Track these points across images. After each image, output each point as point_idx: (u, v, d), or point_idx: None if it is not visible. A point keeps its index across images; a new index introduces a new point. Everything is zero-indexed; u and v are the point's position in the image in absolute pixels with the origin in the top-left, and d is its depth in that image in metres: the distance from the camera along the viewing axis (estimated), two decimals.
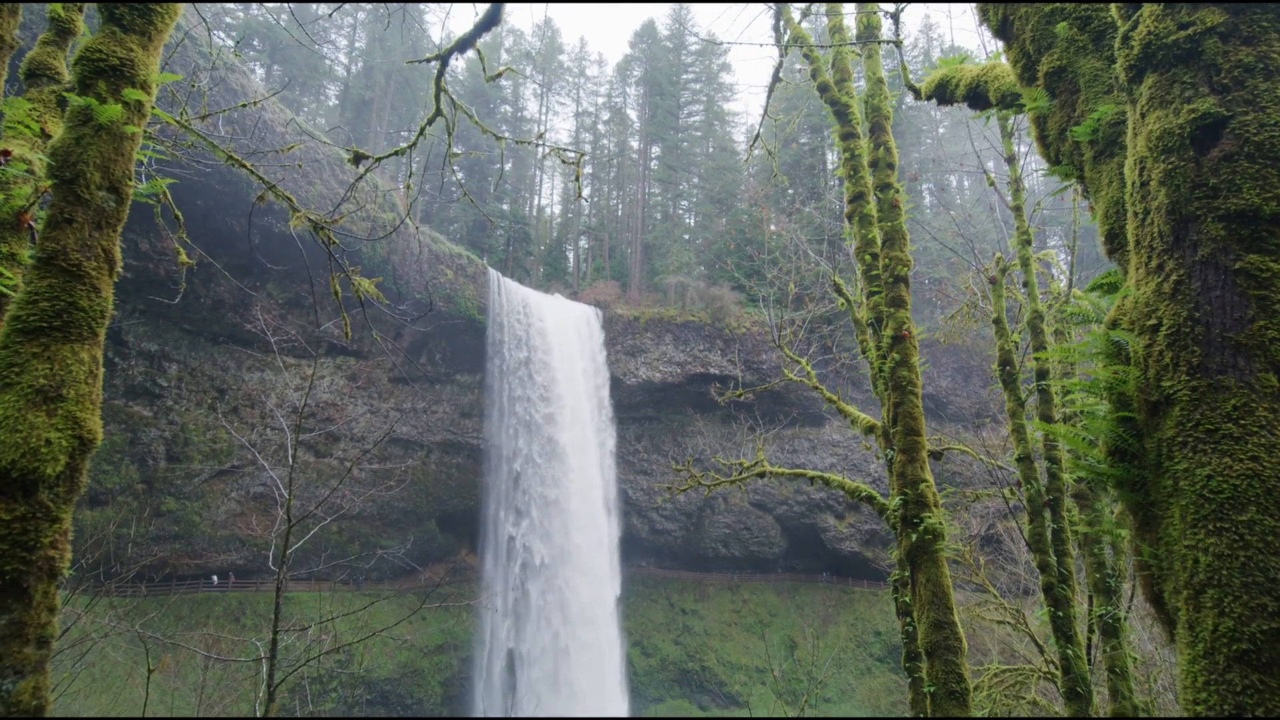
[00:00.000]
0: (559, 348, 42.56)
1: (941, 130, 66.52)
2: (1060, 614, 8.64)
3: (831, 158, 58.56)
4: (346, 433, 38.41)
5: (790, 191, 57.63)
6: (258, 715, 6.29)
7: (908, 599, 8.66)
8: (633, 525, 50.44)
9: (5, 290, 3.45)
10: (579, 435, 41.66)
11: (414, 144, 6.74)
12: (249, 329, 32.62)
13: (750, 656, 47.04)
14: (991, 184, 11.19)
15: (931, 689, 5.73)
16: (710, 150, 67.74)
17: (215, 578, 34.39)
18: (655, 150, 68.98)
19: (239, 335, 33.12)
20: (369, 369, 39.08)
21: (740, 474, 11.82)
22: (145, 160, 5.12)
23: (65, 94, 4.03)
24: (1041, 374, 9.85)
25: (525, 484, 39.98)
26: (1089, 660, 9.34)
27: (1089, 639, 9.92)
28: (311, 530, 9.69)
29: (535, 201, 78.73)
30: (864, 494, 9.65)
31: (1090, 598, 9.62)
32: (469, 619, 40.25)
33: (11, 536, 2.41)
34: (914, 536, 6.12)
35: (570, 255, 71.54)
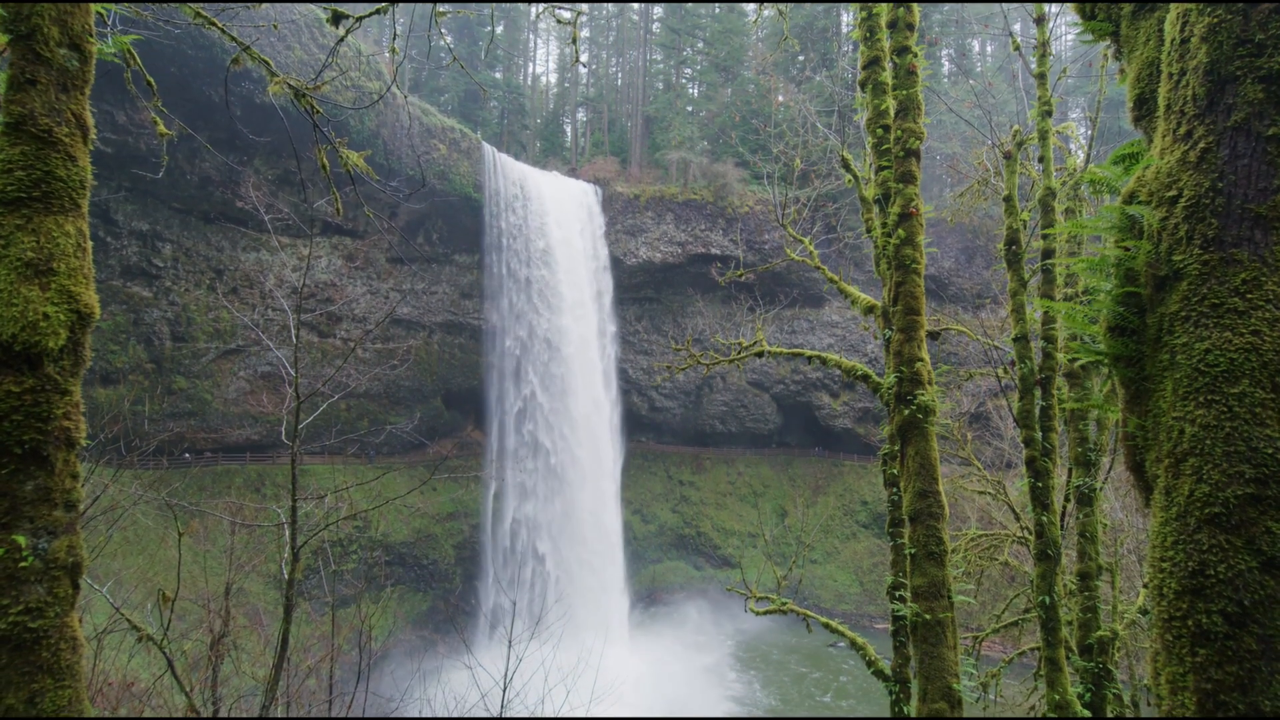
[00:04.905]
0: (557, 227, 41.74)
1: None
2: (1040, 484, 9.08)
3: (847, 19, 54.46)
4: (347, 313, 38.54)
5: (801, 58, 54.09)
6: (284, 575, 6.78)
7: (895, 471, 9.06)
8: (633, 403, 51.90)
9: None
10: (579, 316, 41.84)
11: None
12: (240, 207, 31.85)
13: (743, 523, 50.09)
14: (1017, 49, 10.46)
15: (912, 551, 6.12)
16: (716, 11, 62.80)
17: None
18: (657, 11, 63.94)
19: (230, 213, 32.36)
20: (366, 249, 38.53)
21: (739, 353, 11.97)
22: (107, 19, 4.75)
23: None
24: (1047, 254, 9.71)
25: (526, 363, 40.69)
26: (1062, 526, 9.93)
27: (1064, 507, 10.50)
28: (321, 407, 9.95)
29: (530, 70, 74.14)
30: (860, 373, 9.82)
31: (1070, 470, 10.07)
32: (476, 489, 42.42)
33: (24, 408, 2.48)
34: (906, 412, 6.29)
35: (568, 129, 68.33)
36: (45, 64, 2.63)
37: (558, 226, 41.72)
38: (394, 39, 6.65)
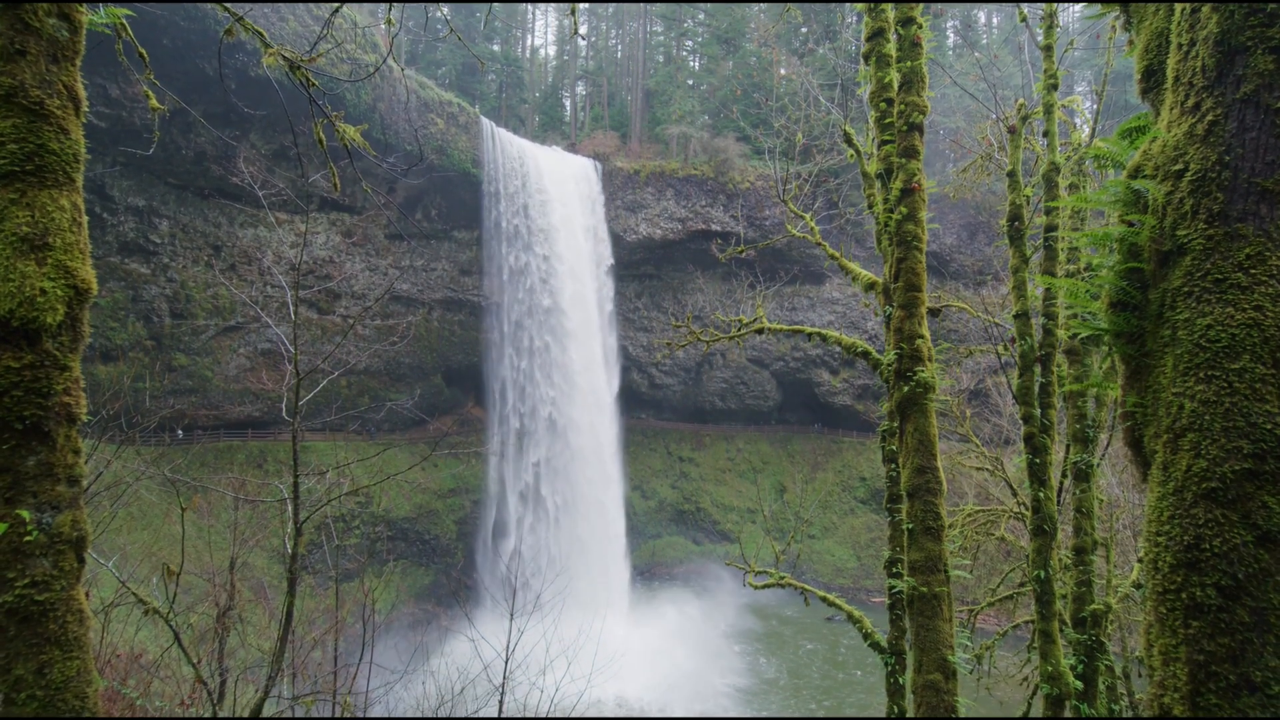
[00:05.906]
0: (557, 203, 41.42)
1: None
2: (1037, 461, 9.12)
3: None
4: (346, 290, 38.42)
5: (804, 30, 53.19)
6: (288, 549, 6.84)
7: (894, 447, 9.11)
8: (633, 380, 51.96)
9: None
10: (578, 293, 41.72)
11: None
12: (236, 182, 31.54)
13: (742, 499, 50.47)
14: (1023, 20, 10.27)
15: (909, 526, 6.17)
16: None
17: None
18: None
19: (227, 189, 32.07)
20: (364, 225, 38.27)
21: (739, 330, 11.94)
22: None
23: None
24: (1050, 229, 9.64)
25: (526, 340, 40.67)
26: (1058, 502, 10.00)
27: (1061, 483, 10.57)
28: (321, 384, 9.95)
29: (529, 42, 72.95)
30: (860, 349, 9.81)
31: (1067, 447, 10.11)
32: (477, 465, 42.67)
33: (24, 384, 2.48)
34: (906, 389, 6.29)
35: (567, 103, 67.42)
36: (35, 34, 2.58)
37: (557, 202, 41.44)
38: (389, 10, 6.52)
